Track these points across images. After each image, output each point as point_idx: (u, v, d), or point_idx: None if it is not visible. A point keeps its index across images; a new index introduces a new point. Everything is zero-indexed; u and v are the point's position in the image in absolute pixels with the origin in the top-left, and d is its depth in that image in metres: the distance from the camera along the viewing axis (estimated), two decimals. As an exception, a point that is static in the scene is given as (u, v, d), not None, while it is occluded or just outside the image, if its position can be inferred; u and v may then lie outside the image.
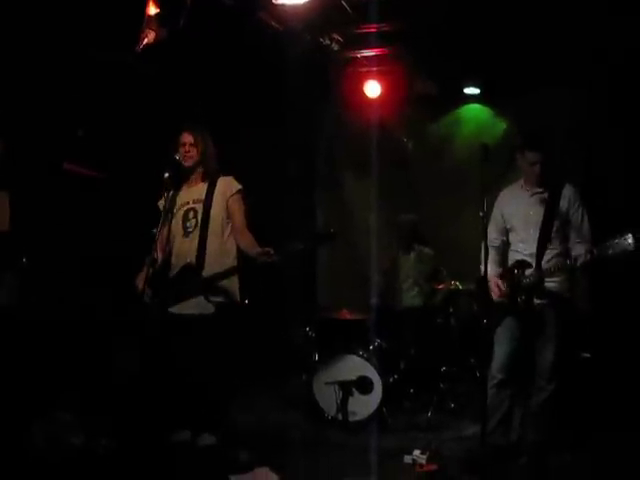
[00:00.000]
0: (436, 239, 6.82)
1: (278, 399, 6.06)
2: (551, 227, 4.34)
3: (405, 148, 7.43)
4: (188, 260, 4.37)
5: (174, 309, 4.35)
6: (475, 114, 7.24)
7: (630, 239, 3.76)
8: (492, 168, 4.16)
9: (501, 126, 7.03)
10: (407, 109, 7.13)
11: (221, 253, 4.44)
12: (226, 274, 4.36)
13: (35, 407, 4.52)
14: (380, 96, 6.92)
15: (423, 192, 7.30)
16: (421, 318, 6.38)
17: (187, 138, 4.48)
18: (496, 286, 4.45)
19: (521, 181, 4.56)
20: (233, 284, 4.45)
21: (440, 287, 6.27)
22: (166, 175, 4.42)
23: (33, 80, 5.03)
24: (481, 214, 4.11)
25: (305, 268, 7.54)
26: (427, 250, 6.63)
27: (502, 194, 4.66)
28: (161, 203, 4.57)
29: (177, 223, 4.51)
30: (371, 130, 7.00)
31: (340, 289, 7.46)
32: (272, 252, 4.12)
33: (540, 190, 4.43)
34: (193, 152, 4.48)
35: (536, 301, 4.32)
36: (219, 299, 4.29)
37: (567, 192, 4.36)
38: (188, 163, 4.48)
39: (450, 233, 6.91)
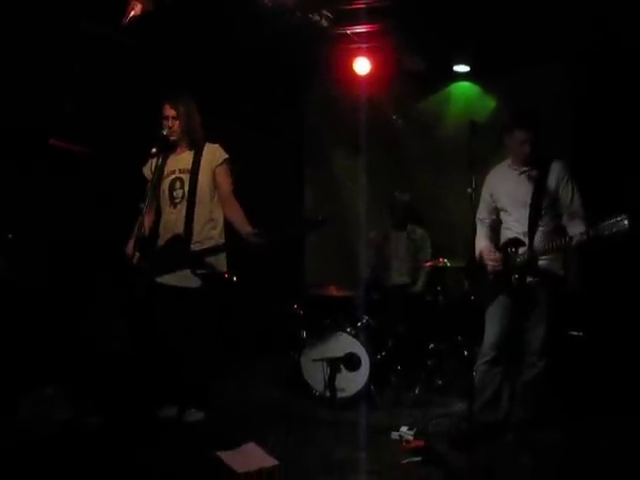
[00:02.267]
0: (425, 216, 6.81)
1: (266, 376, 6.05)
2: (541, 205, 4.32)
3: (394, 125, 7.38)
4: (176, 231, 4.35)
5: (162, 279, 4.33)
6: (464, 91, 7.18)
7: (626, 220, 3.74)
8: (481, 145, 4.14)
9: (491, 104, 6.97)
10: (396, 86, 7.06)
11: (209, 223, 4.43)
12: (214, 250, 4.35)
13: (21, 383, 4.49)
14: (369, 73, 6.85)
15: (412, 169, 7.26)
16: (409, 296, 6.38)
17: (169, 111, 4.45)
18: (489, 254, 4.41)
19: (508, 160, 4.52)
20: (220, 260, 4.43)
21: (429, 265, 6.26)
22: (153, 150, 4.39)
23: (17, 54, 4.94)
24: (469, 190, 4.09)
25: (293, 245, 7.52)
26: (420, 230, 6.62)
27: (490, 174, 4.63)
28: (146, 169, 4.54)
29: (164, 193, 4.50)
30: (360, 107, 6.94)
31: (328, 266, 7.43)
32: (261, 236, 4.11)
33: (528, 168, 4.40)
34: (176, 125, 4.44)
35: (528, 279, 4.30)
36: (206, 273, 4.27)
37: (555, 168, 4.33)
38: (173, 137, 4.45)
39: (439, 210, 6.88)
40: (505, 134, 4.43)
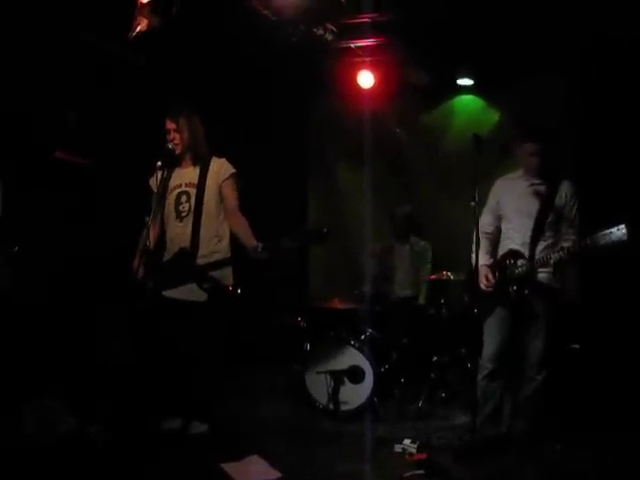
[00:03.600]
0: (428, 229, 6.83)
1: (270, 388, 6.06)
2: (545, 219, 4.35)
3: (398, 139, 7.40)
4: (182, 244, 4.37)
5: (167, 293, 4.35)
6: (468, 105, 7.21)
7: (624, 229, 3.76)
8: (485, 159, 4.17)
9: (494, 117, 7.00)
10: (400, 100, 7.10)
11: (215, 237, 4.45)
12: (220, 264, 4.36)
13: (26, 394, 4.51)
14: (373, 86, 6.89)
15: (415, 182, 7.28)
16: (413, 308, 6.39)
17: (169, 124, 4.47)
18: (485, 277, 4.45)
19: (520, 171, 4.55)
20: (226, 273, 4.45)
21: (432, 278, 6.27)
22: (159, 164, 4.41)
23: (24, 67, 4.99)
24: (472, 204, 4.12)
25: (297, 257, 7.54)
26: (422, 243, 6.63)
27: (499, 181, 4.66)
28: (152, 181, 4.55)
29: (170, 206, 4.51)
30: (364, 120, 6.96)
31: (332, 278, 7.45)
32: (265, 249, 4.12)
33: (538, 182, 4.43)
34: (177, 138, 4.46)
35: (526, 291, 4.31)
36: (212, 287, 4.28)
37: (564, 188, 4.37)
38: (178, 150, 4.47)
39: (442, 223, 6.90)
40: (514, 146, 4.46)
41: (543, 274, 4.33)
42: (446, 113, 7.33)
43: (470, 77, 7.01)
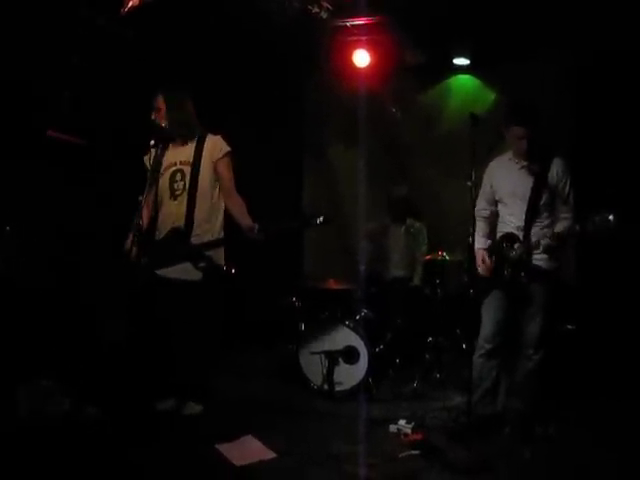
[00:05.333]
0: (424, 210, 6.80)
1: (264, 369, 6.05)
2: (539, 200, 4.33)
3: (394, 118, 7.36)
4: (176, 223, 4.34)
5: (162, 272, 4.32)
6: (464, 84, 7.17)
7: (611, 217, 3.75)
8: (482, 138, 4.15)
9: (491, 96, 6.96)
10: (396, 79, 7.03)
11: (210, 216, 4.43)
12: (213, 244, 4.34)
13: (19, 375, 4.49)
14: (369, 66, 6.83)
15: (411, 163, 7.27)
16: (408, 289, 6.38)
17: (158, 103, 4.42)
18: (482, 261, 4.45)
19: (510, 153, 4.52)
20: (219, 253, 4.43)
21: (428, 258, 6.25)
22: (152, 142, 4.37)
23: (17, 44, 4.92)
24: (469, 184, 4.10)
25: (292, 237, 7.51)
26: (418, 224, 6.62)
27: (491, 165, 4.63)
28: (147, 159, 4.52)
29: (164, 185, 4.48)
30: (359, 100, 6.91)
31: (327, 258, 7.45)
32: (262, 231, 4.11)
33: (529, 163, 4.39)
34: (166, 115, 4.41)
35: (522, 274, 4.30)
36: (207, 267, 4.26)
37: (556, 165, 4.33)
38: (167, 128, 4.42)
39: (438, 204, 6.89)
40: (503, 129, 4.42)
41: (539, 256, 4.31)
42: (442, 93, 7.29)
43: (466, 56, 6.97)
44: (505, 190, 4.48)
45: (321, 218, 4.11)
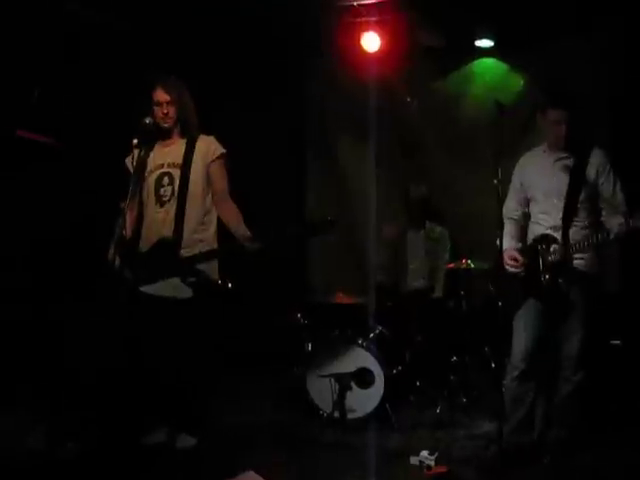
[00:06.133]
0: (445, 213, 6.79)
1: (267, 395, 6.04)
2: (577, 197, 4.32)
3: (408, 109, 7.36)
4: (163, 233, 4.34)
5: (147, 289, 4.30)
6: (489, 69, 7.15)
7: None
8: (509, 130, 4.13)
9: (518, 83, 6.94)
10: (411, 64, 7.04)
11: (201, 225, 4.42)
12: (206, 256, 4.33)
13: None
14: (380, 50, 6.83)
15: (429, 159, 7.25)
16: (429, 301, 6.37)
17: (163, 96, 4.41)
18: (512, 258, 4.42)
19: (544, 145, 4.51)
20: (213, 266, 4.42)
21: (450, 267, 6.24)
22: (135, 141, 4.36)
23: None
24: (495, 182, 4.08)
25: (295, 247, 7.50)
26: (439, 229, 6.61)
27: (521, 160, 4.63)
28: (129, 161, 4.51)
29: (149, 189, 4.46)
30: (370, 89, 6.91)
31: (335, 269, 7.43)
32: (258, 239, 4.10)
33: (565, 155, 4.39)
34: (172, 111, 4.42)
35: (561, 280, 4.28)
36: (198, 282, 4.25)
37: (596, 157, 4.32)
38: (168, 123, 4.43)
39: (461, 206, 6.88)
40: (538, 115, 4.42)
41: (579, 260, 4.30)
42: (464, 79, 7.27)
43: (491, 38, 6.95)
44: (538, 187, 4.47)
45: (328, 222, 4.09)
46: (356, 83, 7.14)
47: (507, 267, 4.44)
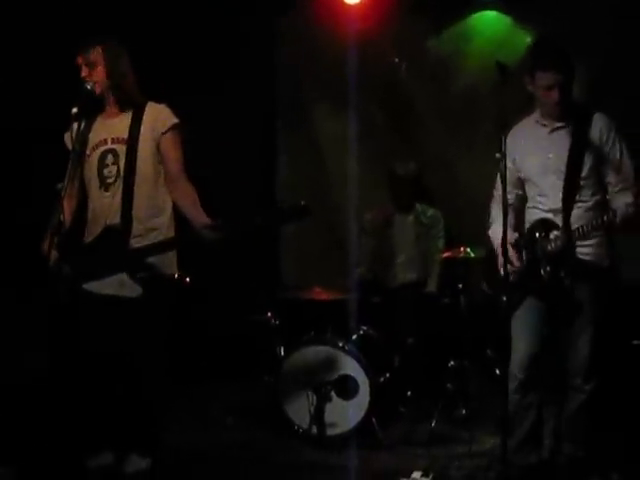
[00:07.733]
0: (439, 192, 6.82)
1: (233, 408, 6.08)
2: (579, 172, 4.26)
3: (396, 72, 7.38)
4: (109, 221, 4.33)
5: (90, 287, 4.31)
6: (490, 25, 7.19)
7: None
8: (513, 95, 4.12)
9: (524, 40, 6.97)
10: (399, 19, 7.05)
11: (154, 210, 4.40)
12: (160, 246, 4.33)
13: None
14: (362, 1, 6.84)
15: (421, 131, 7.28)
16: (421, 297, 6.42)
17: (82, 58, 4.40)
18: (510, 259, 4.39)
19: (536, 114, 4.47)
20: (169, 258, 4.42)
21: (445, 256, 6.27)
22: (74, 110, 4.34)
23: None
24: (498, 155, 4.07)
25: (264, 236, 7.51)
26: (432, 211, 6.64)
27: (511, 133, 4.39)
28: (67, 136, 4.50)
29: (91, 170, 4.43)
30: (350, 48, 6.90)
31: (311, 260, 7.47)
32: (220, 227, 4.09)
33: (562, 124, 4.35)
34: (93, 74, 4.38)
35: (564, 273, 4.29)
36: (150, 278, 4.25)
37: (598, 122, 4.27)
38: (97, 90, 4.41)
39: (458, 184, 6.93)
40: (526, 78, 4.35)
41: (586, 248, 4.28)
42: (461, 36, 7.29)
43: (493, -13, 7.00)
44: (533, 164, 4.41)
45: (301, 207, 4.08)
46: (335, 40, 7.10)
47: (501, 270, 4.39)
